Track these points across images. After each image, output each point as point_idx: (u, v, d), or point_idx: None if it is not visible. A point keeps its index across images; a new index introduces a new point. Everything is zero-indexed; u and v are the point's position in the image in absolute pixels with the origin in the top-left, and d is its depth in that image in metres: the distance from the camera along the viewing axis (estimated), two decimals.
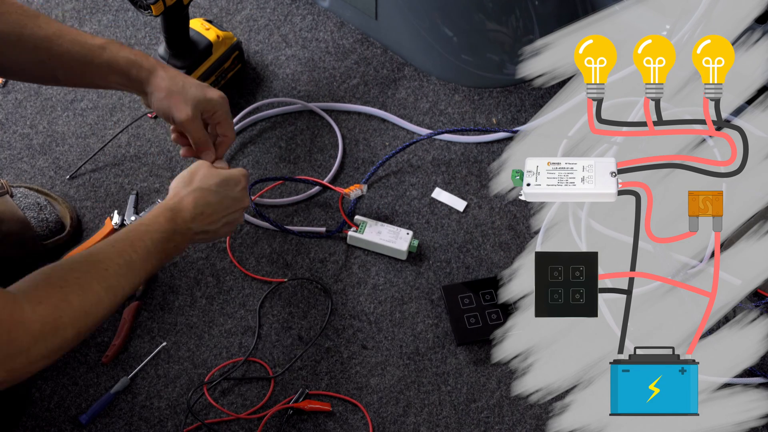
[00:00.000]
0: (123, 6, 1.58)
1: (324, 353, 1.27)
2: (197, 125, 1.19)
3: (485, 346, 1.26)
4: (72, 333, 0.93)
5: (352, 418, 1.22)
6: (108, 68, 1.15)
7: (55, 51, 1.11)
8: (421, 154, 1.43)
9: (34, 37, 1.10)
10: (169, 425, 1.21)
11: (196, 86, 1.19)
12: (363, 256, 1.34)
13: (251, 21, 1.57)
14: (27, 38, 1.09)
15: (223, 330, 1.28)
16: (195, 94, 1.18)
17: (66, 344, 0.93)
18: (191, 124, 1.18)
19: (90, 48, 1.14)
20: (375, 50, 1.54)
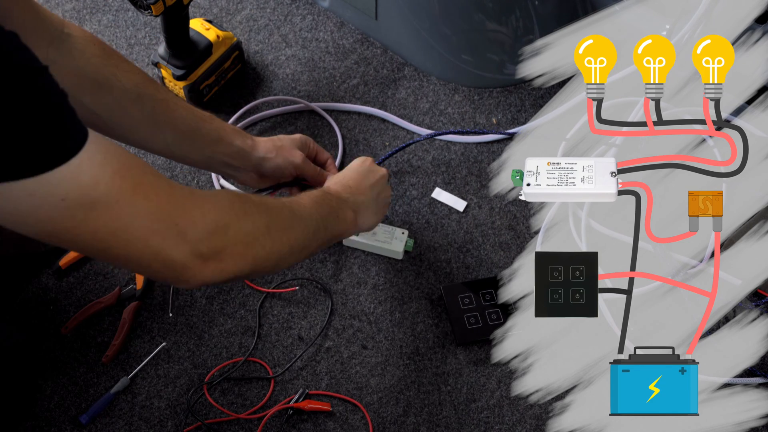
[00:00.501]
0: (123, 6, 1.58)
1: (324, 353, 1.27)
2: (310, 163, 1.27)
3: (485, 346, 1.26)
4: (262, 222, 0.95)
5: (352, 418, 1.22)
6: (216, 136, 1.19)
7: (170, 114, 1.14)
8: (421, 154, 1.43)
9: (153, 98, 1.13)
10: (169, 425, 1.21)
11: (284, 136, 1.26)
12: (363, 256, 1.34)
13: (251, 21, 1.57)
14: (146, 98, 1.12)
15: (223, 330, 1.28)
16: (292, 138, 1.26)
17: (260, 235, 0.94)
18: (307, 163, 1.26)
19: (200, 116, 1.18)
20: (375, 50, 1.54)
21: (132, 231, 0.83)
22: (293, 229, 1.01)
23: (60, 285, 1.31)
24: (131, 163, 0.82)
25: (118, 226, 0.82)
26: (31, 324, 1.28)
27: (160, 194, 0.84)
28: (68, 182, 0.77)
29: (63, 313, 1.29)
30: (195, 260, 0.87)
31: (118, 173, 0.80)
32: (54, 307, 1.29)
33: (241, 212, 0.93)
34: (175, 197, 0.86)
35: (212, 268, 0.89)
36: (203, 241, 0.87)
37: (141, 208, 0.82)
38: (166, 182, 0.86)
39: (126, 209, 0.81)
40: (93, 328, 1.28)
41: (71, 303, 1.29)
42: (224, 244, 0.90)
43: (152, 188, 0.84)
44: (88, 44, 1.07)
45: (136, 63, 1.52)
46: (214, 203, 0.90)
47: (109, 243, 0.83)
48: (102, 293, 1.30)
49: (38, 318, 1.28)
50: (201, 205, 0.88)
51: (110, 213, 0.80)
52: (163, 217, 0.84)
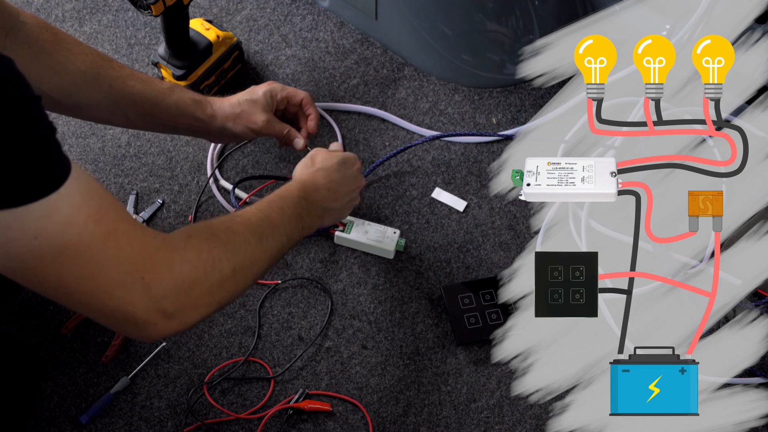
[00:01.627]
0: (123, 6, 1.58)
1: (324, 353, 1.27)
2: (273, 123, 1.26)
3: (485, 346, 1.26)
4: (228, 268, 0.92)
5: (352, 418, 1.22)
6: (176, 109, 1.20)
7: (128, 91, 1.16)
8: (421, 154, 1.43)
9: (109, 77, 1.14)
10: (169, 425, 1.21)
11: (248, 94, 1.26)
12: (363, 256, 1.34)
13: (251, 21, 1.57)
14: (103, 78, 1.13)
15: (223, 330, 1.28)
16: (252, 99, 1.25)
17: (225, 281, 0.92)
18: (269, 126, 1.25)
19: (159, 90, 1.19)
20: (375, 50, 1.54)
21: (97, 280, 0.81)
22: (258, 261, 0.99)
23: None
24: (108, 207, 0.81)
25: (84, 273, 0.80)
26: (31, 324, 1.28)
27: (132, 244, 0.83)
28: (42, 219, 0.75)
29: (63, 313, 1.29)
30: (157, 317, 0.85)
31: (92, 217, 0.79)
32: (54, 307, 1.29)
33: (209, 263, 0.90)
34: (146, 249, 0.84)
35: (174, 323, 0.87)
36: (168, 299, 0.85)
37: (110, 256, 0.81)
38: (140, 231, 0.85)
39: (95, 256, 0.80)
40: (93, 328, 1.28)
41: None
42: (188, 299, 0.88)
43: (125, 236, 0.82)
44: (41, 30, 1.08)
45: (136, 63, 1.52)
46: (182, 257, 0.88)
47: (72, 289, 0.81)
48: None
49: (38, 318, 1.28)
50: (169, 260, 0.86)
51: (79, 259, 0.79)
52: (131, 269, 0.82)
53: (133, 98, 1.16)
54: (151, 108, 1.19)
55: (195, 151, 1.43)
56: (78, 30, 1.55)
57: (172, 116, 1.21)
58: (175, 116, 1.21)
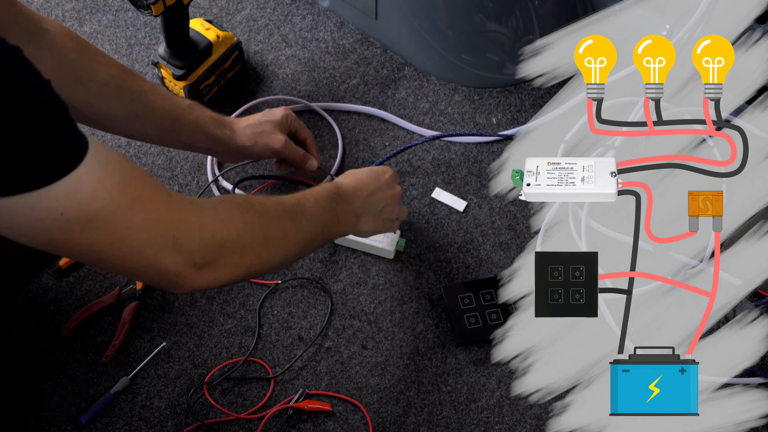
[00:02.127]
0: (123, 6, 1.58)
1: (324, 353, 1.27)
2: (292, 145, 1.29)
3: (485, 346, 1.26)
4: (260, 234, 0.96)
5: (352, 418, 1.22)
6: (195, 126, 1.21)
7: (149, 106, 1.17)
8: (421, 154, 1.43)
9: (131, 90, 1.15)
10: (169, 425, 1.21)
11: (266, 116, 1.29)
12: (363, 255, 1.34)
13: (251, 21, 1.57)
14: (125, 91, 1.14)
15: (223, 330, 1.28)
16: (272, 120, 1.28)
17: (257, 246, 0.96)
18: (289, 147, 1.28)
19: (180, 106, 1.20)
20: (375, 50, 1.54)
21: (128, 243, 0.84)
22: (291, 238, 1.02)
23: (60, 285, 1.31)
24: (131, 176, 0.83)
25: (114, 238, 0.83)
26: (31, 324, 1.28)
27: (158, 207, 0.85)
28: (67, 197, 0.77)
29: (63, 313, 1.29)
30: (189, 269, 0.88)
31: (116, 187, 0.81)
32: (54, 307, 1.29)
33: (240, 224, 0.93)
34: (174, 209, 0.87)
35: (206, 276, 0.90)
36: (198, 252, 0.89)
37: (138, 222, 0.83)
38: (166, 193, 0.87)
39: (123, 223, 0.82)
40: (93, 328, 1.28)
41: (71, 303, 1.29)
42: (219, 254, 0.91)
43: (150, 201, 0.85)
44: (66, 39, 1.09)
45: (136, 63, 1.52)
46: (214, 216, 0.91)
47: (105, 254, 0.84)
48: (102, 293, 1.30)
49: (38, 318, 1.28)
50: (199, 217, 0.89)
51: (107, 227, 0.81)
52: (160, 229, 0.85)
53: (153, 113, 1.17)
54: (171, 124, 1.19)
55: None
56: (78, 30, 1.55)
57: (191, 133, 1.21)
58: (194, 133, 1.22)
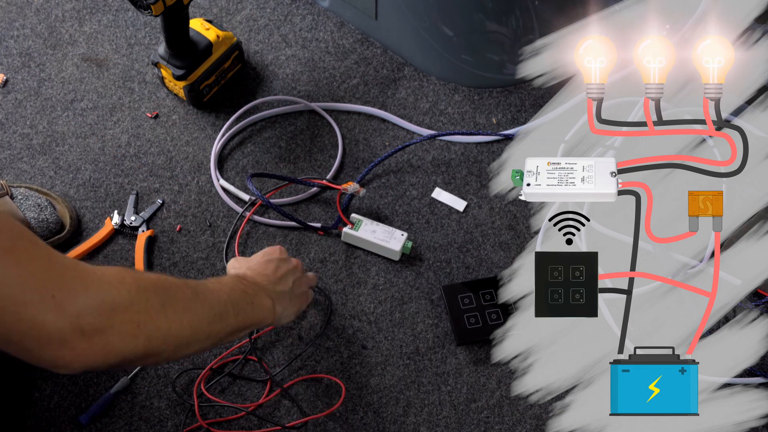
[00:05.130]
0: (123, 6, 1.58)
1: (324, 353, 1.27)
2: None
3: (485, 346, 1.26)
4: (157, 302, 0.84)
5: (352, 418, 1.22)
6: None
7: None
8: (421, 154, 1.43)
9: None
10: (169, 425, 1.21)
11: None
12: (363, 256, 1.34)
13: (251, 21, 1.57)
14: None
15: None
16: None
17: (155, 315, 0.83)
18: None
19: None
20: (375, 50, 1.54)
21: (1, 302, 0.74)
22: (194, 310, 0.91)
23: None
24: (2, 228, 0.74)
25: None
26: None
27: (34, 262, 0.75)
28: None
29: None
30: (75, 335, 0.76)
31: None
32: None
33: (133, 288, 0.82)
34: (54, 268, 0.77)
35: (97, 346, 0.78)
36: (85, 316, 0.77)
37: (10, 276, 0.74)
38: (45, 251, 0.77)
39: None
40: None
41: None
42: (110, 320, 0.79)
43: (26, 255, 0.75)
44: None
45: (136, 63, 1.52)
46: (101, 278, 0.80)
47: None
48: None
49: None
50: (84, 278, 0.78)
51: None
52: (37, 286, 0.75)
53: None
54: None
55: (195, 151, 1.43)
56: (78, 30, 1.55)
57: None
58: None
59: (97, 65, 1.51)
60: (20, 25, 1.55)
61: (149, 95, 1.48)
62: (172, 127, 1.45)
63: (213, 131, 1.45)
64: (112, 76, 1.50)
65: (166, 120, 1.46)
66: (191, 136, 1.44)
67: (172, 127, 1.45)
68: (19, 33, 1.55)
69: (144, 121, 1.46)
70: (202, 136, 1.44)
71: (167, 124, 1.46)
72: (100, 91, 1.49)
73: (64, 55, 1.52)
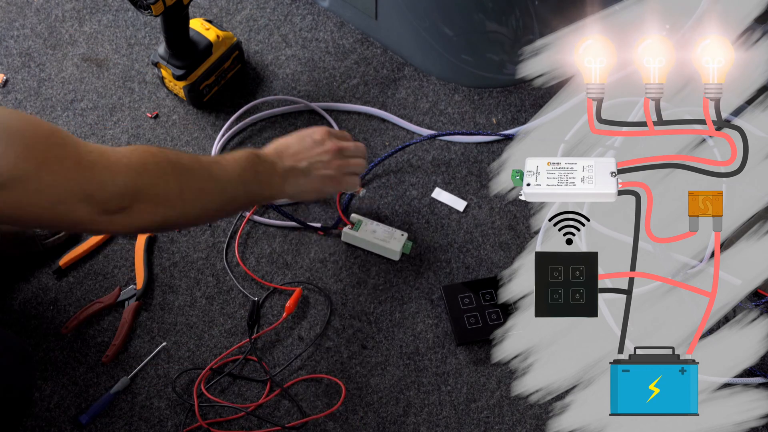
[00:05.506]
0: (123, 6, 1.58)
1: (324, 353, 1.27)
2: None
3: (485, 346, 1.26)
4: (175, 184, 0.97)
5: (352, 418, 1.22)
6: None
7: None
8: (421, 154, 1.43)
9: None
10: (169, 425, 1.21)
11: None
12: (363, 256, 1.34)
13: (251, 21, 1.57)
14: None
15: (223, 330, 1.28)
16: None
17: (172, 196, 0.97)
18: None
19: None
20: (375, 50, 1.54)
21: (39, 204, 0.87)
22: (208, 192, 1.04)
23: (60, 285, 1.31)
24: (35, 140, 0.86)
25: (25, 201, 0.86)
26: (31, 324, 1.28)
27: (66, 165, 0.88)
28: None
29: (63, 313, 1.29)
30: (101, 216, 0.91)
31: (20, 156, 0.85)
32: (54, 307, 1.29)
33: (154, 174, 0.96)
34: (83, 165, 0.90)
35: (119, 222, 0.93)
36: (111, 201, 0.92)
37: (46, 183, 0.87)
38: (74, 150, 0.90)
39: (31, 186, 0.86)
40: (93, 328, 1.28)
41: (71, 303, 1.29)
42: (132, 201, 0.93)
43: (57, 161, 0.88)
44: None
45: (136, 63, 1.52)
46: (126, 165, 0.93)
47: (17, 214, 0.88)
48: (102, 293, 1.30)
49: (38, 318, 1.28)
50: (111, 168, 0.92)
51: (16, 192, 0.85)
52: (70, 186, 0.89)
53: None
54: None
55: (195, 151, 1.43)
56: (78, 30, 1.55)
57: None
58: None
59: (97, 65, 1.51)
60: (20, 25, 1.55)
61: (149, 95, 1.48)
62: (172, 127, 1.45)
63: (213, 131, 1.45)
64: (112, 76, 1.50)
65: (166, 120, 1.46)
66: (191, 136, 1.44)
67: (172, 127, 1.45)
68: (19, 33, 1.55)
69: (144, 121, 1.46)
70: (202, 136, 1.44)
71: (167, 124, 1.46)
72: (100, 91, 1.49)
73: (64, 55, 1.52)
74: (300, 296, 1.29)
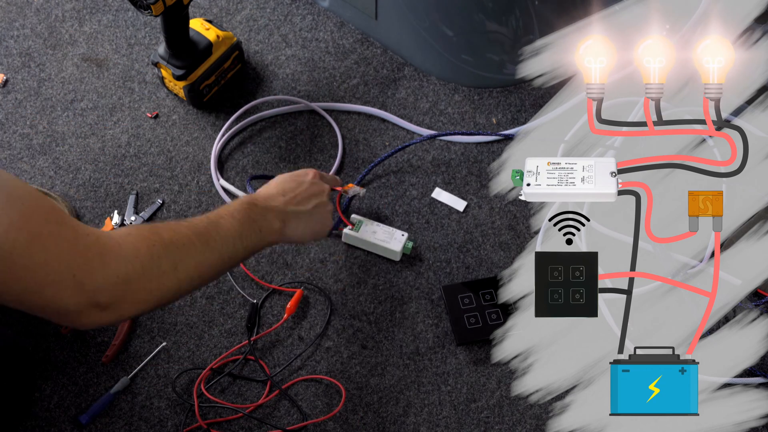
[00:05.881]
0: (123, 6, 1.58)
1: (324, 353, 1.27)
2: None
3: (485, 346, 1.26)
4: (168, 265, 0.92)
5: (352, 418, 1.22)
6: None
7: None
8: (421, 154, 1.43)
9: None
10: (169, 425, 1.21)
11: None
12: (363, 256, 1.34)
13: (251, 21, 1.57)
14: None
15: (223, 330, 1.28)
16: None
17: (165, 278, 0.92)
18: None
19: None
20: (375, 50, 1.54)
21: (25, 282, 0.82)
22: (204, 263, 0.99)
23: None
24: (32, 211, 0.81)
25: (9, 277, 0.81)
26: (31, 324, 1.27)
27: (59, 244, 0.83)
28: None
29: None
30: (91, 309, 0.86)
31: (13, 225, 0.79)
32: None
33: (146, 258, 0.90)
34: (77, 247, 0.85)
35: (110, 315, 0.88)
36: (102, 292, 0.86)
37: (36, 260, 0.81)
38: (71, 230, 0.85)
39: (19, 261, 0.80)
40: (93, 328, 1.28)
41: None
42: (125, 294, 0.88)
43: (52, 238, 0.83)
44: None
45: (136, 63, 1.52)
46: (119, 252, 0.88)
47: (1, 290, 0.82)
48: None
49: (38, 318, 1.28)
50: (103, 255, 0.86)
51: (3, 265, 0.79)
52: (60, 268, 0.83)
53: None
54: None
55: (195, 151, 1.43)
56: (78, 30, 1.55)
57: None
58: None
59: (97, 65, 1.51)
60: (20, 25, 1.55)
61: (149, 95, 1.48)
62: (172, 127, 1.45)
63: (213, 131, 1.45)
64: (112, 76, 1.50)
65: (166, 120, 1.46)
66: (191, 136, 1.44)
67: (172, 127, 1.45)
68: (19, 33, 1.55)
69: (144, 121, 1.46)
70: (202, 136, 1.44)
71: (167, 124, 1.46)
72: (100, 91, 1.49)
73: (64, 55, 1.52)
74: (301, 297, 1.29)
